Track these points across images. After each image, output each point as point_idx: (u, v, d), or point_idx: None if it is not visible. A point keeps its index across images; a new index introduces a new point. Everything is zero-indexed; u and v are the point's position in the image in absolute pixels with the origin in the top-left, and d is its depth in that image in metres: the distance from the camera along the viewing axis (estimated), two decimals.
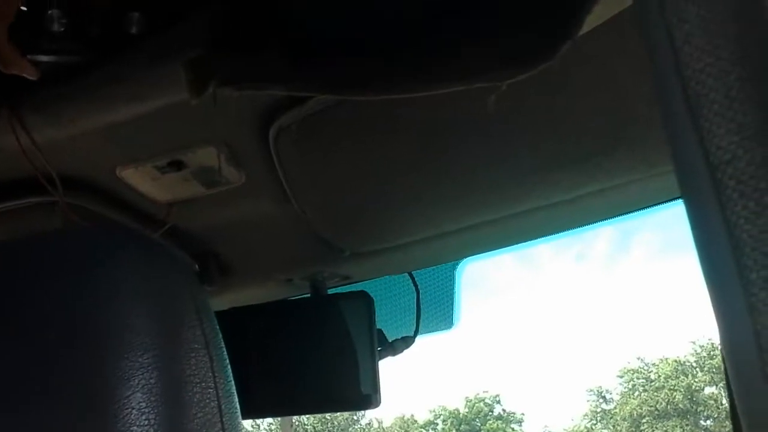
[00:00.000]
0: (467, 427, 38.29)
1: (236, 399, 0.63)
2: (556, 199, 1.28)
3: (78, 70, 1.03)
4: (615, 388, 37.39)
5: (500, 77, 0.81)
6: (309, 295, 1.64)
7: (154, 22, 0.99)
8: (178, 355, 0.59)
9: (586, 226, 1.52)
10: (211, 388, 0.60)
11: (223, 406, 0.61)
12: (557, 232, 1.54)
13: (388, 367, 1.63)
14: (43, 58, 1.01)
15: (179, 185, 1.24)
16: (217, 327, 0.64)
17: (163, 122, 1.07)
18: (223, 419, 0.61)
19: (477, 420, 38.40)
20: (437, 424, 39.41)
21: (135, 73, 0.98)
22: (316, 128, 1.07)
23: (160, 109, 1.02)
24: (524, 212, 1.33)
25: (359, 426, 38.60)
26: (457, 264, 1.89)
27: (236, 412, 0.63)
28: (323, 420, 35.39)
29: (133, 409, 0.55)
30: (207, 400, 0.59)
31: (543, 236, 1.57)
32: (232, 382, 0.64)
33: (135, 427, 0.54)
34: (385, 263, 1.55)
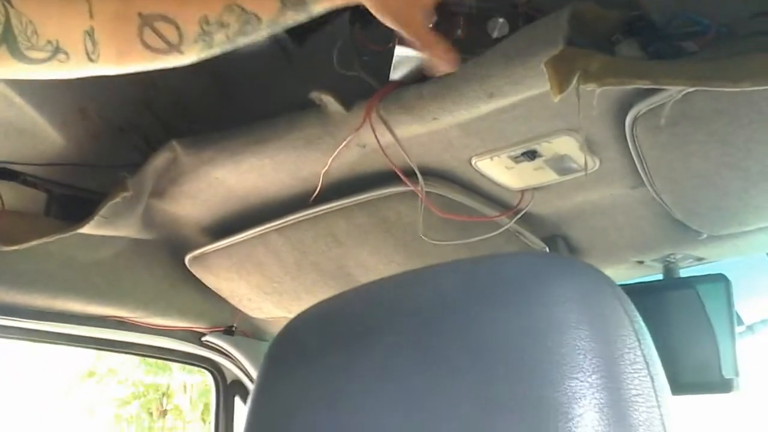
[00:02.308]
0: None
1: (676, 417, 0.64)
2: None
3: None
4: None
5: None
6: (661, 277, 1.60)
7: (513, 27, 1.02)
8: (623, 376, 0.60)
9: None
10: (655, 408, 0.61)
11: (666, 425, 0.61)
12: None
13: None
14: (409, 53, 1.08)
15: (532, 173, 1.26)
16: (654, 349, 0.64)
17: (521, 115, 1.09)
18: None
19: None
20: None
21: (495, 72, 1.01)
22: (674, 115, 1.04)
23: (517, 103, 1.05)
24: None
25: None
26: None
27: (676, 427, 0.63)
28: None
29: (587, 426, 0.57)
30: (652, 420, 0.60)
31: None
32: (671, 401, 0.64)
33: None
34: (741, 244, 1.48)
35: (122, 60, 0.92)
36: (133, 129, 1.37)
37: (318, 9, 0.96)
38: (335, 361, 0.73)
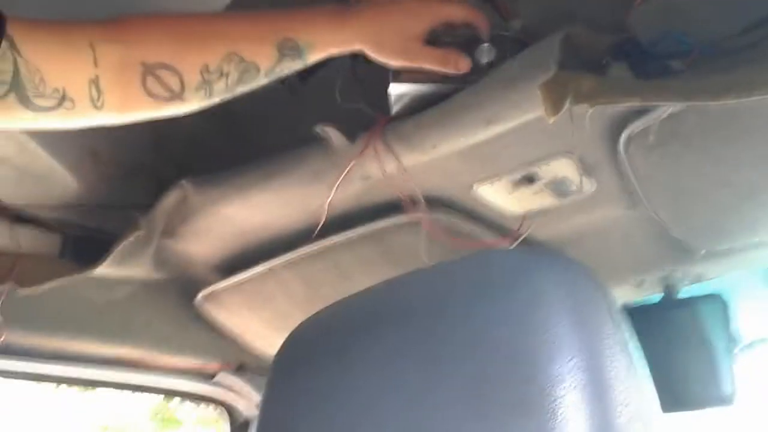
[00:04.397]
0: None
1: (656, 397, 0.67)
2: None
3: (436, 100, 1.13)
4: None
5: None
6: (660, 298, 1.63)
7: (501, 52, 1.07)
8: (601, 358, 0.64)
9: None
10: (633, 388, 0.64)
11: (644, 404, 0.65)
12: None
13: None
14: (405, 88, 1.13)
15: (532, 197, 1.30)
16: (633, 333, 0.68)
17: (518, 140, 1.13)
18: (644, 416, 0.65)
19: None
20: None
21: (491, 98, 1.06)
22: (666, 133, 1.08)
23: (515, 128, 1.09)
24: None
25: None
26: None
27: (657, 409, 0.67)
28: None
29: (568, 406, 0.60)
30: (630, 399, 0.64)
31: None
32: (651, 382, 0.67)
33: (571, 423, 0.60)
34: (741, 260, 1.51)
35: (126, 107, 0.96)
36: (144, 170, 1.41)
37: (314, 58, 1.03)
38: (337, 367, 0.77)
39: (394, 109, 1.15)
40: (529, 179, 1.24)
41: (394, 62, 1.06)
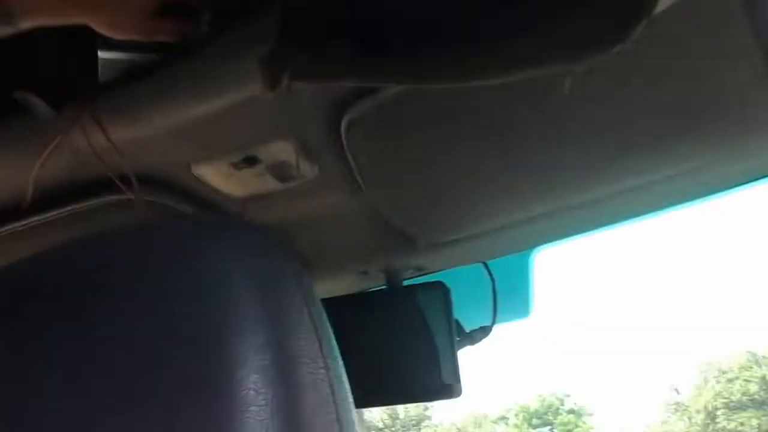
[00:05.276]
0: (539, 420, 38.07)
1: (347, 381, 0.64)
2: (627, 185, 1.26)
3: (150, 69, 1.05)
4: (687, 381, 36.78)
5: (572, 62, 0.80)
6: (385, 287, 1.65)
7: (222, 21, 1.01)
8: (288, 336, 0.60)
9: (659, 212, 1.50)
10: (322, 369, 0.61)
11: (335, 387, 0.61)
12: (630, 219, 1.52)
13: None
14: (116, 55, 1.04)
15: (254, 180, 1.25)
16: (323, 310, 0.65)
17: (236, 118, 1.08)
18: (336, 400, 0.61)
19: (548, 414, 38.14)
20: (508, 418, 39.24)
21: (207, 70, 1.00)
22: (387, 120, 1.08)
23: (233, 106, 1.04)
24: (597, 199, 1.31)
25: (431, 422, 38.61)
26: (531, 252, 1.88)
27: (347, 394, 0.63)
28: (393, 416, 35.55)
29: (250, 389, 0.56)
30: (319, 381, 0.60)
31: (616, 223, 1.55)
32: (342, 365, 0.64)
33: (253, 407, 0.55)
34: (459, 253, 1.55)
35: None
36: None
37: (27, 25, 0.92)
38: None
39: (103, 76, 1.06)
40: (251, 161, 1.19)
41: (127, 37, 0.98)
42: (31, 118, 1.11)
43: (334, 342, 0.65)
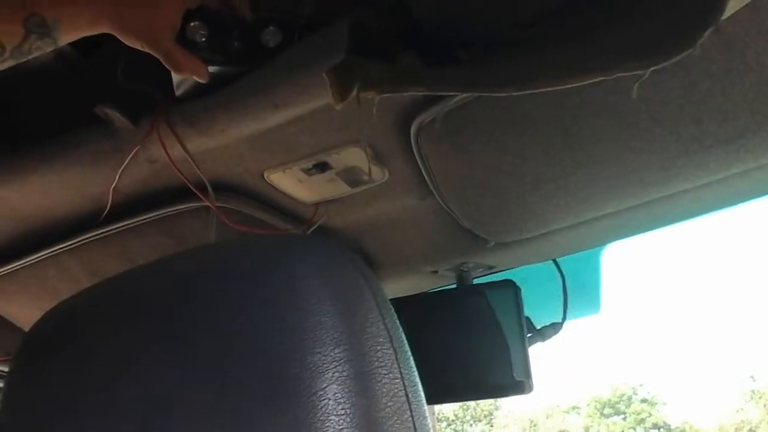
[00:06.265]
0: (611, 410, 37.56)
1: (421, 388, 0.66)
2: (699, 182, 1.25)
3: (223, 81, 1.08)
4: (763, 368, 35.88)
5: (640, 67, 0.80)
6: (455, 286, 1.66)
7: (289, 36, 1.04)
8: (365, 348, 0.62)
9: (731, 207, 1.48)
10: (398, 379, 0.63)
11: (410, 395, 0.64)
12: (701, 215, 1.50)
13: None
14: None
15: (325, 186, 1.28)
16: (398, 321, 0.67)
17: (308, 127, 1.11)
18: (411, 408, 0.63)
19: (621, 403, 37.60)
20: (580, 408, 38.81)
21: (278, 82, 1.03)
22: (455, 123, 1.09)
23: (304, 115, 1.07)
24: (668, 196, 1.30)
25: (500, 413, 38.40)
26: (601, 248, 1.88)
27: (422, 401, 0.66)
28: (464, 407, 35.45)
29: (330, 399, 0.58)
30: (395, 390, 0.62)
31: (686, 219, 1.54)
32: (416, 373, 0.66)
33: (333, 417, 0.58)
34: (529, 252, 1.55)
35: None
36: None
37: (65, 39, 0.93)
38: (73, 365, 0.71)
39: (179, 91, 1.10)
40: (322, 167, 1.22)
41: (138, 47, 0.99)
42: (109, 130, 1.15)
43: (407, 347, 0.67)
